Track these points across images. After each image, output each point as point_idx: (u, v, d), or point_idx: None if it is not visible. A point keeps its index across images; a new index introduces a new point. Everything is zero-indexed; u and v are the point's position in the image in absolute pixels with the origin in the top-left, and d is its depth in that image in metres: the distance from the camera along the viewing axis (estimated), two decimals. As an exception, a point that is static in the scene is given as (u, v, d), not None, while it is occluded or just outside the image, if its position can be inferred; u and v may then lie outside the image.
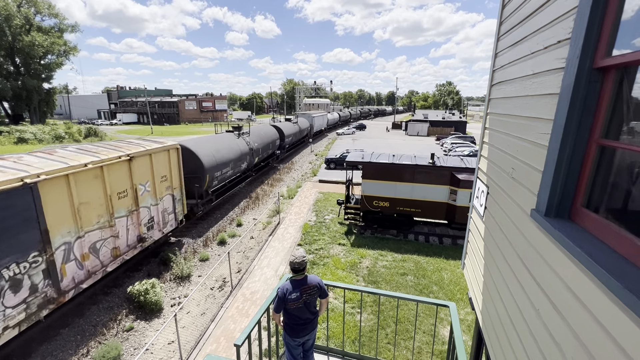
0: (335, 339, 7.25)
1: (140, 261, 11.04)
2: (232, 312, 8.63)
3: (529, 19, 2.66)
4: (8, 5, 43.59)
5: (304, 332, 3.76)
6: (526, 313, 2.18)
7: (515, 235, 2.55)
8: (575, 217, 1.86)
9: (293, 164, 29.03)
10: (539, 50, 2.39)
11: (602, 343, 1.33)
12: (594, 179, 1.75)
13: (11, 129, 37.67)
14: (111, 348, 7.09)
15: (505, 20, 3.37)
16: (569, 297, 1.64)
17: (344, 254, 11.84)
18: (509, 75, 3.15)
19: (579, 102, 1.76)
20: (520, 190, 2.52)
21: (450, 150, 33.29)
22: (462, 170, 12.65)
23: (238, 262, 11.50)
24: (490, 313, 3.06)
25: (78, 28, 53.75)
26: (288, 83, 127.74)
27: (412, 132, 54.68)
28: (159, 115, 79.00)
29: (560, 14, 2.05)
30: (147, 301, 8.53)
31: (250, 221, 15.33)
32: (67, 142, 37.80)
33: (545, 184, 2.01)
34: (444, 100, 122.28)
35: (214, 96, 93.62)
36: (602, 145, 1.70)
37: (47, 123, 47.25)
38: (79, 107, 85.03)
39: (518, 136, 2.72)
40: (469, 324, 8.08)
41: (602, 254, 1.45)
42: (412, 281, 10.08)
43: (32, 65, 48.98)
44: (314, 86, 78.12)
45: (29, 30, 46.88)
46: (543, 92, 2.27)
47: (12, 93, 47.03)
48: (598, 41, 1.66)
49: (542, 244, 2.03)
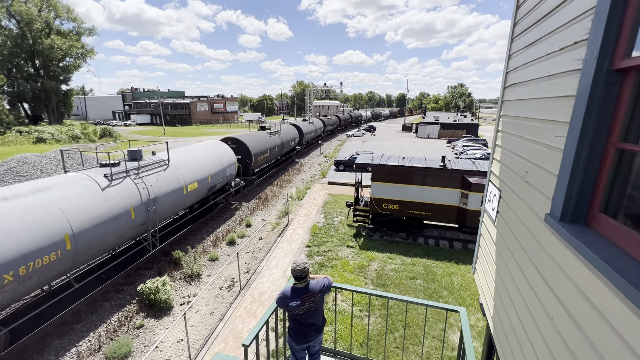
0: (343, 341, 7.22)
1: (151, 259, 11.24)
2: (240, 312, 8.68)
3: (544, 20, 2.61)
4: (29, 10, 45.21)
5: (308, 338, 3.69)
6: (539, 320, 2.12)
7: (528, 240, 2.49)
8: (592, 222, 1.81)
9: (302, 166, 29.11)
10: (554, 52, 2.34)
11: (619, 353, 1.28)
12: (612, 184, 1.70)
13: (30, 129, 38.95)
14: (122, 344, 7.22)
15: (520, 21, 3.32)
16: (585, 305, 1.59)
17: (353, 256, 11.79)
18: (523, 77, 3.09)
19: (596, 104, 1.71)
20: (534, 194, 2.46)
21: (462, 153, 32.84)
22: (474, 173, 12.46)
23: (247, 263, 11.58)
24: (501, 319, 3.00)
25: (95, 31, 55.52)
26: (298, 85, 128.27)
27: (423, 134, 54.17)
28: (171, 116, 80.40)
29: (578, 14, 2.00)
30: (157, 299, 8.66)
31: (259, 222, 15.43)
32: (83, 142, 38.82)
33: (561, 188, 1.96)
34: (456, 102, 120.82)
35: (225, 98, 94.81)
36: (620, 149, 1.65)
37: (64, 124, 48.65)
38: (95, 108, 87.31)
39: (532, 139, 2.66)
40: (479, 330, 7.92)
41: (621, 261, 1.40)
42: (422, 285, 9.96)
43: (51, 67, 50.68)
44: (324, 88, 78.30)
45: (49, 34, 48.52)
46: (559, 94, 2.22)
47: (32, 94, 48.71)
48: (617, 42, 1.61)
49: (557, 250, 1.97)
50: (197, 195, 13.04)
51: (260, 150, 20.31)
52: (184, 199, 12.00)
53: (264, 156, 21.08)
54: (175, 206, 11.62)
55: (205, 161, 13.86)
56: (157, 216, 10.46)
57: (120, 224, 8.76)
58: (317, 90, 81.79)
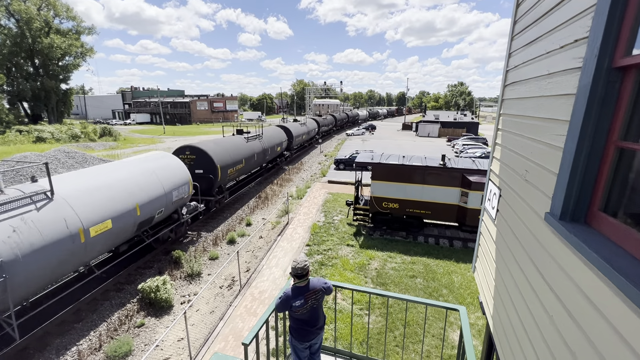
0: (343, 340, 7.23)
1: (152, 258, 11.25)
2: (240, 311, 8.70)
3: (544, 18, 2.60)
4: (28, 9, 45.09)
5: (311, 336, 3.71)
6: (539, 319, 2.12)
7: (528, 239, 2.49)
8: (592, 221, 1.81)
9: (302, 165, 29.09)
10: (554, 50, 2.34)
11: (619, 352, 1.28)
12: (612, 182, 1.69)
13: (30, 129, 38.90)
14: (123, 343, 7.24)
15: (520, 19, 3.31)
16: (584, 304, 1.59)
17: (353, 255, 11.80)
18: (523, 76, 3.08)
19: (596, 102, 1.71)
20: (534, 192, 2.46)
21: (462, 152, 32.82)
22: (474, 172, 12.46)
23: (247, 262, 11.59)
24: (501, 318, 3.00)
25: (95, 30, 55.35)
26: (298, 84, 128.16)
27: (423, 133, 54.15)
28: (171, 115, 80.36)
29: (578, 12, 2.00)
30: (157, 298, 8.67)
31: (259, 221, 15.43)
32: (83, 141, 38.77)
33: (561, 187, 1.95)
34: (456, 100, 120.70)
35: (225, 97, 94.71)
36: (620, 147, 1.64)
37: (64, 123, 48.63)
38: (95, 107, 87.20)
39: (532, 138, 2.65)
40: (479, 328, 7.93)
41: (621, 259, 1.40)
42: (422, 284, 9.97)
43: (50, 66, 50.58)
44: (323, 87, 78.24)
45: (48, 33, 48.41)
46: (559, 92, 2.22)
47: (32, 94, 48.65)
48: (617, 40, 1.61)
49: (557, 248, 1.97)
50: (112, 239, 8.77)
51: (232, 160, 15.96)
52: (81, 251, 7.64)
53: (238, 167, 16.74)
54: (62, 264, 7.29)
55: (132, 185, 9.56)
56: (14, 292, 6.25)
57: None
58: (317, 89, 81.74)
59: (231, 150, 16.47)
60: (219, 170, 14.59)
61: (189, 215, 12.63)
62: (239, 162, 16.91)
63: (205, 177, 14.25)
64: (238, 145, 17.68)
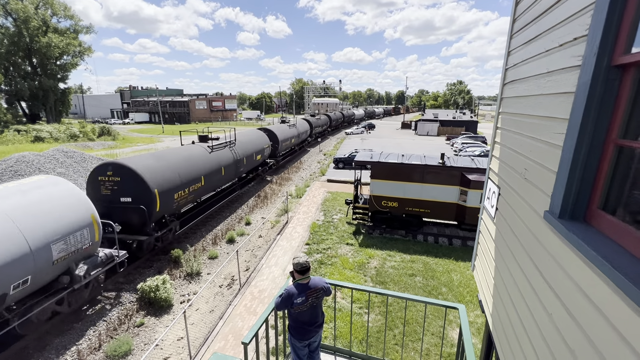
0: (343, 339, 7.24)
1: (151, 258, 11.24)
2: (240, 310, 8.70)
3: (543, 16, 2.59)
4: (26, 8, 44.90)
5: (310, 335, 3.73)
6: (538, 317, 2.12)
7: (527, 237, 2.49)
8: (591, 219, 1.81)
9: (301, 164, 29.09)
10: (553, 48, 2.33)
11: (618, 350, 1.28)
12: (611, 180, 1.69)
13: (28, 128, 38.77)
14: (122, 343, 7.24)
15: (519, 17, 3.30)
16: (584, 302, 1.59)
17: (352, 253, 11.81)
18: (522, 74, 3.08)
19: (596, 101, 1.71)
20: (533, 191, 2.46)
21: (461, 151, 32.83)
22: (473, 170, 12.46)
23: (246, 261, 11.59)
24: (500, 316, 3.01)
25: (93, 29, 55.19)
26: (297, 83, 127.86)
27: (422, 131, 54.17)
28: (170, 114, 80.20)
29: (577, 10, 1.99)
30: (157, 298, 8.67)
31: (258, 220, 15.43)
32: (82, 141, 38.67)
33: (560, 185, 1.95)
34: (455, 99, 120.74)
35: (223, 96, 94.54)
36: (620, 146, 1.64)
37: (62, 122, 48.50)
38: (93, 106, 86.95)
39: (531, 136, 2.65)
40: (478, 326, 7.95)
41: (620, 257, 1.40)
42: (421, 282, 9.99)
43: (48, 65, 50.37)
44: (322, 86, 78.26)
45: (46, 32, 48.21)
46: (558, 90, 2.21)
47: (29, 93, 48.48)
48: (617, 37, 1.60)
49: (556, 247, 1.97)
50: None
51: (181, 181, 11.66)
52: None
53: (193, 188, 12.46)
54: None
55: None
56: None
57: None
58: (316, 88, 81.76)
59: (182, 166, 12.05)
60: (157, 197, 10.29)
61: (97, 272, 8.25)
62: (195, 180, 12.55)
63: (135, 209, 10.05)
64: (195, 158, 13.18)
